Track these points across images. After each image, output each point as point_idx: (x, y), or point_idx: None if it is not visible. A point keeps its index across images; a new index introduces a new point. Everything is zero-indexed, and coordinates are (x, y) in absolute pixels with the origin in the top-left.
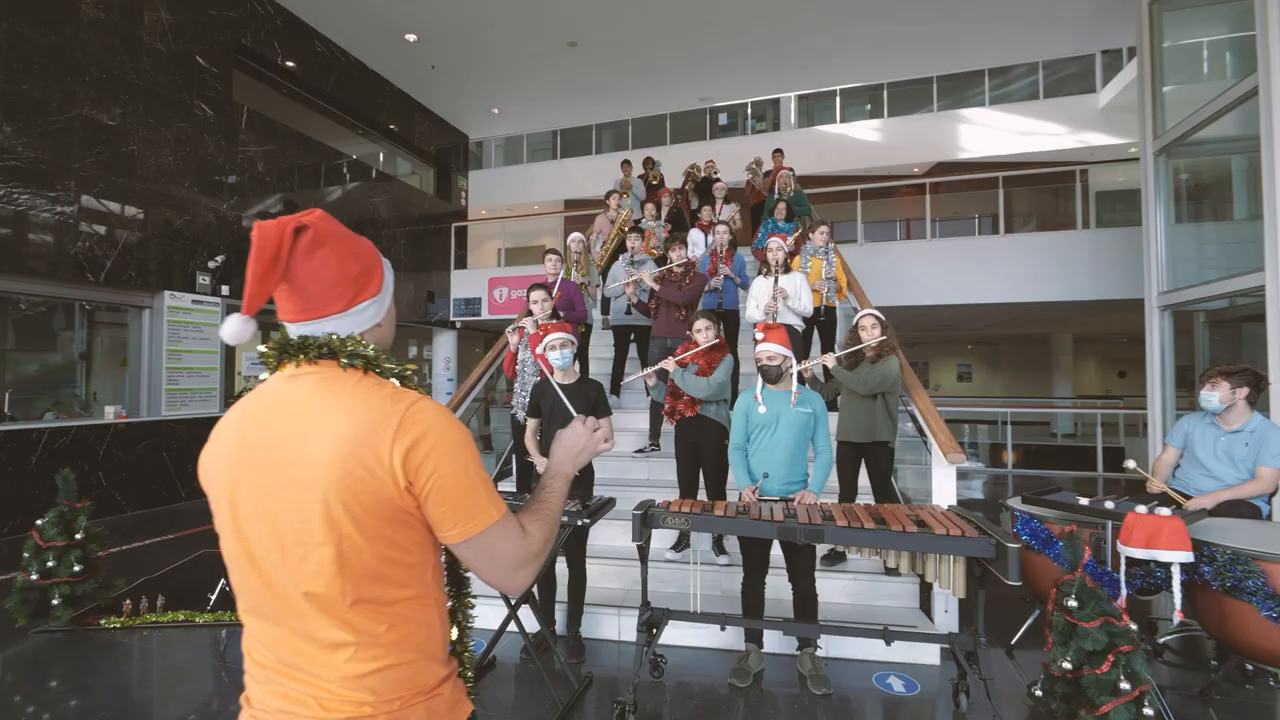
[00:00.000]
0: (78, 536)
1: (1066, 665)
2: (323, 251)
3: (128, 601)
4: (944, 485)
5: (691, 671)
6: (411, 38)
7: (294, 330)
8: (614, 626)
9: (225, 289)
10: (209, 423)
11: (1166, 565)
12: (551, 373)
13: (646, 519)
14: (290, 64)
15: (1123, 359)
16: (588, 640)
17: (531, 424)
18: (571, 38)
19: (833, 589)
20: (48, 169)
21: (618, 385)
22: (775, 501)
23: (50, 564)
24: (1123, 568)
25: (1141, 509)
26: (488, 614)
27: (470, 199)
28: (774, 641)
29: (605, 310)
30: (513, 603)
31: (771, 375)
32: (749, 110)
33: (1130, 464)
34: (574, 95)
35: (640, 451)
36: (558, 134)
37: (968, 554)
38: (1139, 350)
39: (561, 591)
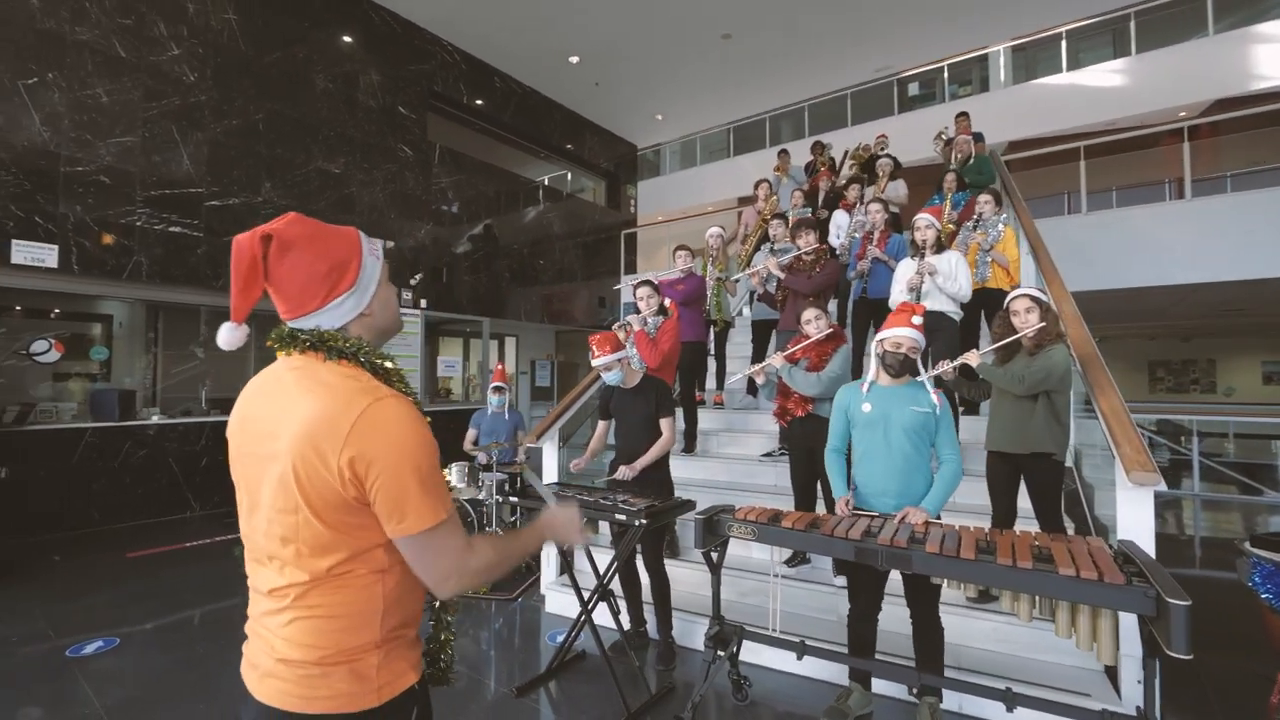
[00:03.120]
0: None
1: None
2: (291, 255)
3: None
4: (1132, 514)
5: (782, 700)
6: (574, 59)
7: (289, 326)
8: None
9: (424, 302)
10: None
11: None
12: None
13: (710, 526)
14: (478, 102)
15: None
16: (681, 648)
17: (601, 426)
18: (725, 29)
19: (981, 632)
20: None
21: (754, 384)
22: (873, 517)
23: None
24: None
25: None
26: (573, 605)
27: (643, 205)
28: (891, 684)
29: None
30: (588, 602)
31: (894, 367)
32: (945, 74)
33: None
34: (738, 89)
35: (768, 455)
36: (730, 131)
37: (1108, 605)
38: None
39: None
